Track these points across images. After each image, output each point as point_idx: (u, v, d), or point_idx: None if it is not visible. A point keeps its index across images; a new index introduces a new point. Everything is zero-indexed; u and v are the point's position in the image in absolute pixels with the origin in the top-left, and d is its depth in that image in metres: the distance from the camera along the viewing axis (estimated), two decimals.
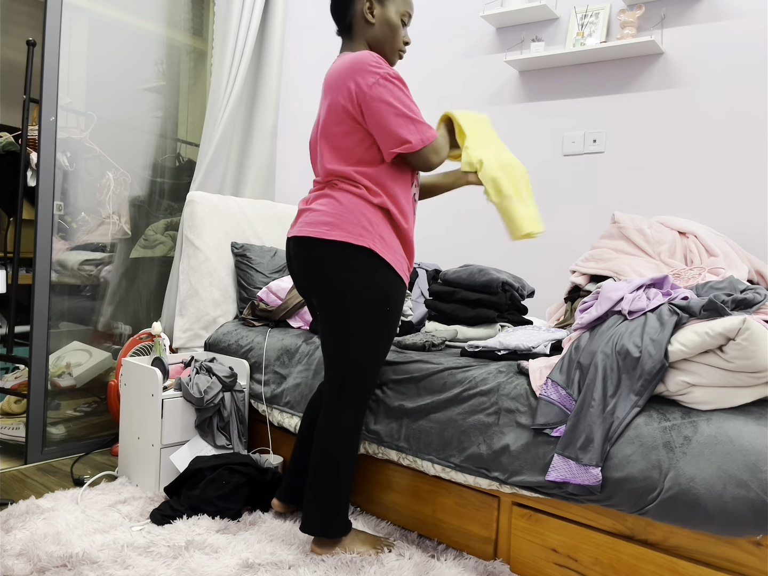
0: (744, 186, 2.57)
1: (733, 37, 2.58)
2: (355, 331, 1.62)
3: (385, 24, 1.69)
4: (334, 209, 1.61)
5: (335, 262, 1.59)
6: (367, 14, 1.68)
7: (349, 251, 1.59)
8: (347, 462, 1.66)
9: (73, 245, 2.63)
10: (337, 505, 1.66)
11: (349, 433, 1.66)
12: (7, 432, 2.55)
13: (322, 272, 1.61)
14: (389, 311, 1.63)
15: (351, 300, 1.59)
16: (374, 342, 1.64)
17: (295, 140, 3.25)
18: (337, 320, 1.62)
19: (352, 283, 1.59)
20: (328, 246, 1.59)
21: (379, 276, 1.60)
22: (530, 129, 3.08)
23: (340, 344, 1.64)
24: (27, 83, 2.47)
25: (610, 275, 2.35)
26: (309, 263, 1.63)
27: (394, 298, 1.64)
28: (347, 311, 1.60)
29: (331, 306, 1.63)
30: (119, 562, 1.60)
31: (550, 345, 1.82)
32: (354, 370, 1.64)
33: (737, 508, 1.26)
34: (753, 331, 1.30)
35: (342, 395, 1.66)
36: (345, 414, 1.66)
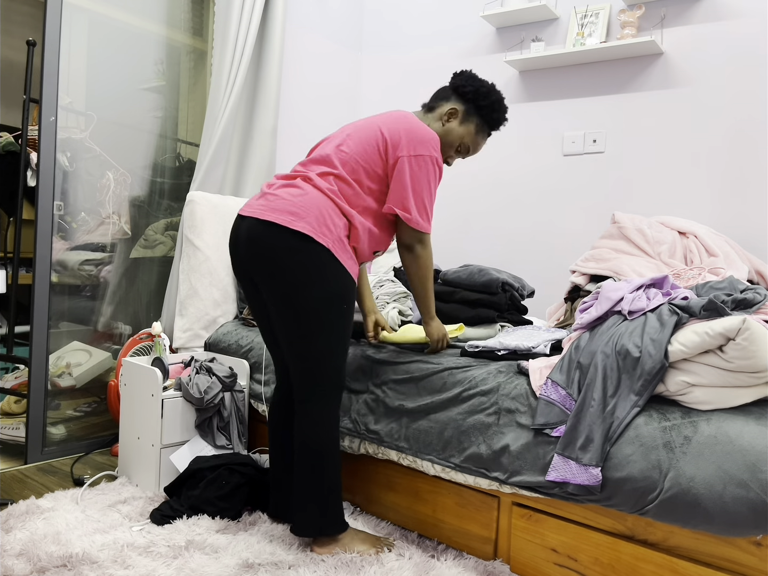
0: (744, 186, 2.57)
1: (733, 38, 2.58)
2: (315, 330, 1.61)
3: (449, 133, 1.83)
4: (302, 202, 1.62)
5: (294, 254, 1.58)
6: (445, 116, 1.83)
7: (309, 245, 1.59)
8: (330, 458, 1.66)
9: (73, 245, 2.63)
10: (327, 502, 1.65)
11: (327, 429, 1.66)
12: (7, 432, 2.55)
13: (278, 262, 1.59)
14: (345, 309, 1.65)
15: (307, 296, 1.59)
16: (335, 340, 1.65)
17: (295, 140, 3.25)
18: (293, 318, 1.61)
19: (309, 278, 1.59)
20: (289, 236, 1.59)
21: (335, 275, 1.62)
22: (530, 129, 3.08)
23: (303, 344, 1.63)
24: (27, 83, 2.47)
25: (610, 275, 2.35)
26: (264, 249, 1.61)
27: (348, 297, 1.66)
28: (303, 308, 1.60)
29: (286, 300, 1.60)
30: (119, 562, 1.60)
31: (550, 345, 1.82)
32: (320, 368, 1.64)
33: (737, 508, 1.26)
34: (753, 331, 1.30)
35: (314, 394, 1.66)
36: (319, 410, 1.66)
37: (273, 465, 1.86)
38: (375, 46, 3.60)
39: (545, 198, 3.03)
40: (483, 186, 3.22)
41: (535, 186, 3.06)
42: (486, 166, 3.22)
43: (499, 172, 3.17)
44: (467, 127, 1.83)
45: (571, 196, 2.96)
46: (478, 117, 1.83)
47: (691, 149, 2.67)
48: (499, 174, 3.18)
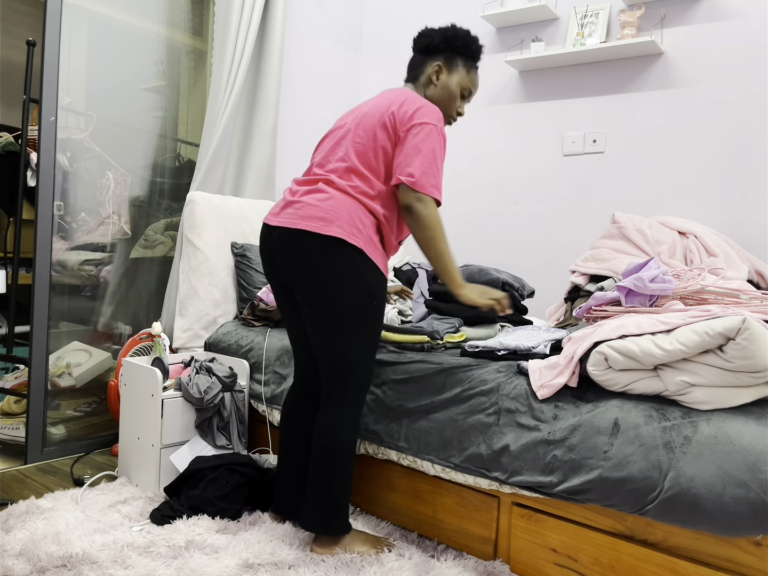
0: (744, 186, 2.57)
1: (733, 37, 2.58)
2: (348, 327, 1.63)
3: (445, 90, 1.81)
4: (330, 206, 1.63)
5: (328, 258, 1.61)
6: (433, 76, 1.80)
7: (342, 248, 1.61)
8: (347, 458, 1.67)
9: (73, 245, 2.63)
10: (338, 502, 1.66)
11: (349, 429, 1.67)
12: (7, 432, 2.55)
13: (313, 267, 1.62)
14: (376, 306, 1.66)
15: (342, 296, 1.61)
16: (366, 336, 1.66)
17: (295, 140, 3.25)
18: (327, 317, 1.64)
19: (343, 279, 1.61)
20: (322, 241, 1.61)
21: (368, 274, 1.64)
22: (530, 129, 3.08)
23: (334, 341, 1.65)
24: (27, 83, 2.47)
25: (610, 275, 2.35)
26: (300, 257, 1.63)
27: (381, 294, 1.68)
28: (338, 308, 1.62)
29: (320, 302, 1.63)
30: (119, 562, 1.60)
31: (550, 345, 1.82)
32: (350, 365, 1.66)
33: (737, 508, 1.26)
34: (753, 330, 1.30)
35: (340, 391, 1.67)
36: (344, 410, 1.67)
37: (283, 462, 1.86)
38: (375, 46, 3.60)
39: (545, 198, 3.03)
40: (483, 186, 3.22)
41: (535, 186, 3.07)
42: (486, 166, 3.22)
43: (499, 172, 3.17)
44: (458, 72, 1.81)
45: (571, 196, 2.96)
46: (460, 57, 1.81)
47: (691, 149, 2.67)
48: (499, 174, 3.18)
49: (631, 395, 1.49)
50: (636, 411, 1.44)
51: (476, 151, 3.25)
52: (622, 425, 1.43)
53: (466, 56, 1.82)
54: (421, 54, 1.83)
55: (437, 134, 1.66)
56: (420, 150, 1.63)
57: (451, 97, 1.82)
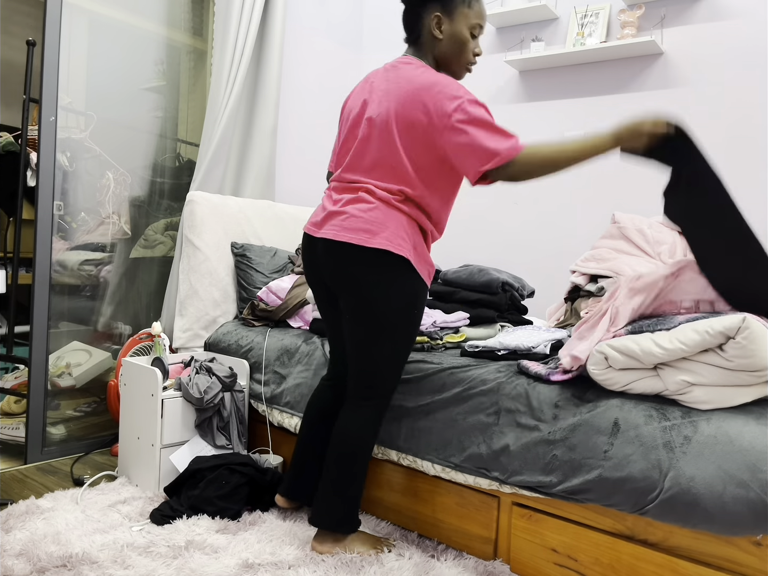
0: (744, 186, 2.57)
1: (732, 37, 2.58)
2: (386, 335, 1.63)
3: (452, 39, 1.65)
4: (374, 216, 1.59)
5: (373, 269, 1.59)
6: (435, 30, 1.65)
7: (387, 259, 1.59)
8: (363, 458, 1.67)
9: (73, 245, 2.63)
10: (351, 501, 1.67)
11: (371, 432, 1.68)
12: (7, 432, 2.55)
13: (359, 278, 1.60)
14: (416, 314, 1.66)
15: (384, 306, 1.60)
16: (402, 343, 1.66)
17: (295, 140, 3.25)
18: (368, 325, 1.63)
19: (386, 289, 1.59)
20: (367, 253, 1.59)
21: (411, 283, 1.62)
22: (530, 129, 3.08)
23: (369, 346, 1.64)
24: (27, 83, 2.47)
25: (610, 275, 2.35)
26: (345, 268, 1.62)
27: (421, 302, 1.67)
28: (380, 317, 1.61)
29: (363, 311, 1.62)
30: (119, 562, 1.60)
31: (550, 345, 1.82)
32: (382, 371, 1.66)
33: (737, 508, 1.26)
34: (753, 329, 1.30)
35: (368, 396, 1.67)
36: (369, 413, 1.67)
37: (301, 451, 1.87)
38: (375, 46, 3.60)
39: (545, 198, 3.03)
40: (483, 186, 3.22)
41: (535, 186, 3.06)
42: None
43: None
44: (460, 13, 1.63)
45: (572, 196, 2.96)
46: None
47: None
48: None
49: (631, 395, 1.49)
50: (636, 411, 1.44)
51: None
52: (622, 425, 1.43)
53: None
54: (412, 6, 1.66)
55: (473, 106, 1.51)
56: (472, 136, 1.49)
57: (463, 43, 1.65)
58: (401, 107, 1.57)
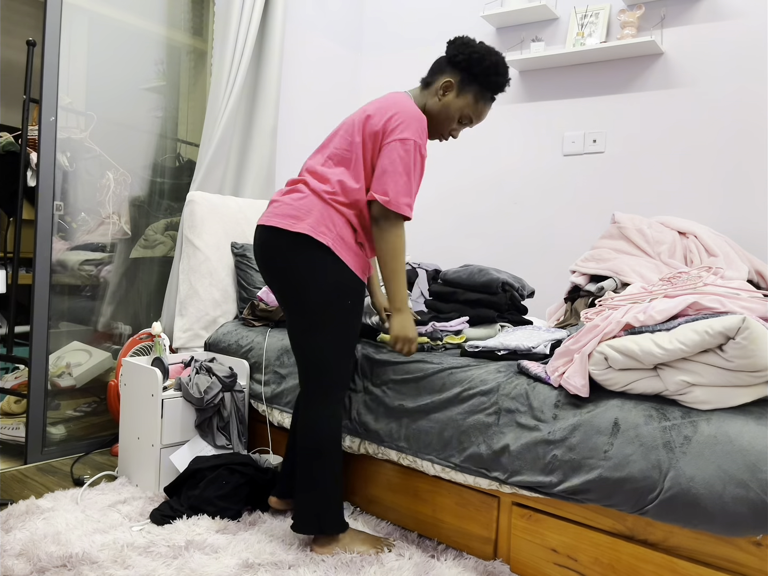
0: (744, 186, 2.57)
1: (733, 37, 2.58)
2: (319, 326, 1.65)
3: (445, 109, 1.77)
4: (302, 204, 1.67)
5: (296, 255, 1.64)
6: (440, 91, 1.77)
7: (310, 245, 1.63)
8: (331, 457, 1.67)
9: (73, 245, 2.63)
10: (328, 501, 1.66)
11: (329, 428, 1.67)
12: (7, 432, 2.55)
13: (283, 264, 1.65)
14: (350, 305, 1.67)
15: (310, 293, 1.64)
16: (339, 335, 1.67)
17: (295, 140, 3.25)
18: (298, 314, 1.67)
19: (307, 276, 1.63)
20: (290, 238, 1.64)
21: (336, 272, 1.65)
22: (530, 129, 3.08)
23: (304, 339, 1.67)
24: (27, 83, 2.47)
25: (610, 275, 2.35)
26: (270, 253, 1.68)
27: (353, 293, 1.68)
28: (307, 305, 1.65)
29: (290, 299, 1.67)
30: (119, 562, 1.60)
31: (550, 345, 1.82)
32: (321, 364, 1.67)
33: (737, 508, 1.26)
34: (752, 330, 1.30)
35: (315, 390, 1.69)
36: (321, 409, 1.68)
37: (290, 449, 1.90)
38: (375, 47, 3.60)
39: (545, 198, 3.03)
40: (483, 186, 3.22)
41: (535, 186, 3.06)
42: (486, 165, 3.22)
43: (499, 172, 3.17)
44: (465, 97, 1.75)
45: (571, 196, 2.96)
46: (476, 84, 1.74)
47: (691, 149, 2.67)
48: (499, 174, 3.17)
49: (631, 395, 1.49)
50: (636, 411, 1.44)
51: (476, 150, 3.25)
52: (622, 425, 1.43)
53: (482, 85, 1.75)
54: (446, 61, 1.78)
55: (414, 150, 1.65)
56: (396, 167, 1.63)
57: (448, 118, 1.78)
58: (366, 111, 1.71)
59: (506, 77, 1.76)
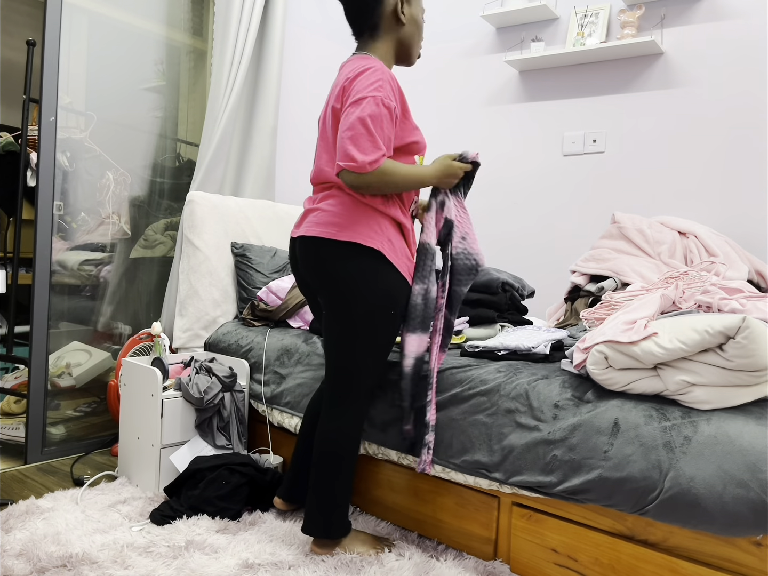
0: (744, 186, 2.57)
1: (733, 37, 2.58)
2: (361, 333, 1.61)
3: (413, 23, 1.68)
4: (343, 210, 1.60)
5: (344, 263, 1.59)
6: (400, 13, 1.64)
7: (357, 252, 1.58)
8: (348, 462, 1.66)
9: (73, 245, 2.63)
10: (339, 505, 1.66)
11: (351, 433, 1.66)
12: (7, 432, 2.55)
13: (331, 272, 1.60)
14: (393, 314, 1.64)
15: (358, 301, 1.59)
16: (378, 343, 1.65)
17: (295, 140, 3.25)
18: (343, 321, 1.62)
19: (360, 284, 1.58)
20: (337, 246, 1.59)
21: (386, 278, 1.60)
22: (530, 129, 3.08)
23: (344, 345, 1.63)
24: (27, 83, 2.47)
25: (610, 275, 2.35)
26: (317, 263, 1.62)
27: (400, 300, 1.64)
28: (354, 313, 1.60)
29: (338, 307, 1.62)
30: (119, 562, 1.60)
31: (550, 345, 1.82)
32: (357, 370, 1.64)
33: (737, 508, 1.26)
34: (753, 329, 1.30)
35: (345, 395, 1.66)
36: (347, 414, 1.66)
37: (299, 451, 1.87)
38: None
39: (545, 198, 3.03)
40: (483, 186, 3.22)
41: (535, 186, 3.06)
42: (486, 166, 3.22)
43: (499, 172, 3.17)
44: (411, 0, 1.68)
45: (571, 196, 2.96)
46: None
47: (691, 149, 2.67)
48: (499, 174, 3.18)
49: (631, 395, 1.49)
50: (636, 411, 1.44)
51: (476, 150, 3.25)
52: (622, 425, 1.43)
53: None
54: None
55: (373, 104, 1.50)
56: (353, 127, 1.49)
57: (419, 28, 1.70)
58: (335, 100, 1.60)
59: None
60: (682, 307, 1.60)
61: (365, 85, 1.52)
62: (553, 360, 1.81)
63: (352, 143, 1.49)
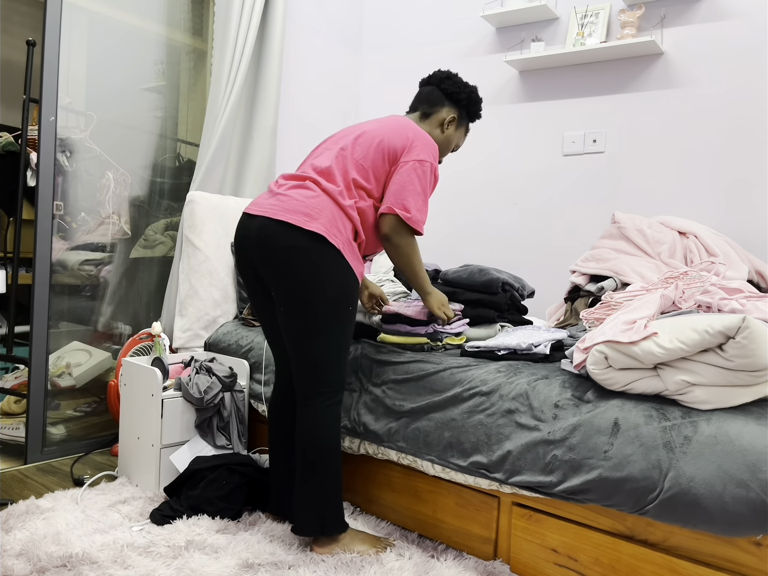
0: (744, 186, 2.57)
1: (733, 37, 2.58)
2: (324, 326, 1.64)
3: (447, 140, 1.94)
4: (314, 204, 1.65)
5: (307, 253, 1.61)
6: (446, 125, 1.91)
7: (321, 245, 1.62)
8: (331, 457, 1.66)
9: (73, 245, 2.63)
10: (329, 501, 1.66)
11: (328, 428, 1.67)
12: (7, 432, 2.55)
13: (292, 261, 1.61)
14: (351, 310, 1.69)
15: (318, 294, 1.62)
16: (341, 337, 1.67)
17: (295, 140, 3.25)
18: (304, 314, 1.63)
19: (320, 277, 1.62)
20: (303, 236, 1.61)
21: (344, 275, 1.65)
22: (530, 129, 3.08)
23: (311, 340, 1.65)
24: (27, 83, 2.47)
25: (610, 275, 2.35)
26: (278, 250, 1.62)
27: (354, 298, 1.70)
28: (314, 305, 1.62)
29: (297, 299, 1.63)
30: (119, 562, 1.60)
31: (550, 345, 1.82)
32: (324, 366, 1.66)
33: (737, 508, 1.26)
34: (753, 329, 1.30)
35: (317, 392, 1.67)
36: (321, 409, 1.67)
37: (274, 464, 1.86)
38: (375, 46, 3.60)
39: (545, 198, 3.03)
40: (483, 186, 3.22)
41: (535, 186, 3.06)
42: (486, 166, 3.22)
43: (499, 172, 3.17)
44: (460, 130, 1.96)
45: (571, 196, 2.96)
46: (467, 119, 1.97)
47: (691, 149, 2.67)
48: (499, 174, 3.18)
49: (631, 395, 1.49)
50: (636, 411, 1.44)
51: (476, 151, 3.25)
52: (622, 425, 1.43)
53: (471, 119, 1.98)
54: (445, 96, 1.90)
55: (430, 173, 1.75)
56: (416, 186, 1.72)
57: (448, 148, 1.96)
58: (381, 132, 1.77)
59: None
60: (682, 307, 1.61)
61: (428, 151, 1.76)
62: (553, 360, 1.81)
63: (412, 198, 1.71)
